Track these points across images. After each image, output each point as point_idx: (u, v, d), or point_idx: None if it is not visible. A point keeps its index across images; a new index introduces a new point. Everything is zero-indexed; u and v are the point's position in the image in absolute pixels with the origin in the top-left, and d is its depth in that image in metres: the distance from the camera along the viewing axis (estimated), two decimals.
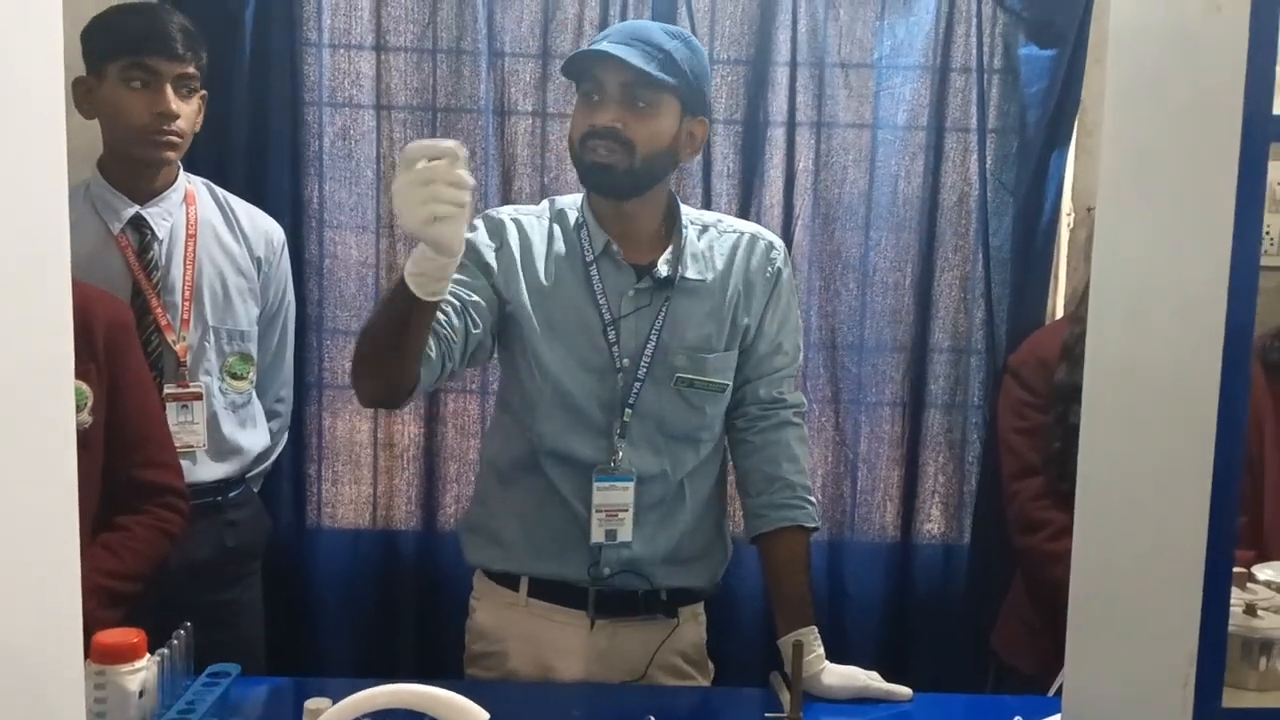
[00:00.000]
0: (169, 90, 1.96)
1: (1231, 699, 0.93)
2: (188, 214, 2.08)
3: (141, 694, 1.45)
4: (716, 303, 1.85)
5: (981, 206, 2.49)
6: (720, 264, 1.87)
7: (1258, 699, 0.97)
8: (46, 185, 1.24)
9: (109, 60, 1.94)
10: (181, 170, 2.10)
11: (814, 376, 2.55)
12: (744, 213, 2.49)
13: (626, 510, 1.80)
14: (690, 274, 1.84)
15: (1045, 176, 2.47)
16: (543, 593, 1.85)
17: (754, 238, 1.91)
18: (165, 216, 2.05)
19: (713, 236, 1.89)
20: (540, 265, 1.83)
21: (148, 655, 1.47)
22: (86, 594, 1.34)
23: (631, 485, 1.80)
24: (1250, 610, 1.01)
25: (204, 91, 2.05)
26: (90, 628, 1.40)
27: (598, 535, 1.80)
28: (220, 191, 2.17)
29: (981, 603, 2.48)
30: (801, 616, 1.79)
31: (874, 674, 1.78)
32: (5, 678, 1.17)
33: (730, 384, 1.87)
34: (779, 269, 1.90)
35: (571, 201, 1.90)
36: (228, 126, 2.39)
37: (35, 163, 1.21)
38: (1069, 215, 2.55)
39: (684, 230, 1.86)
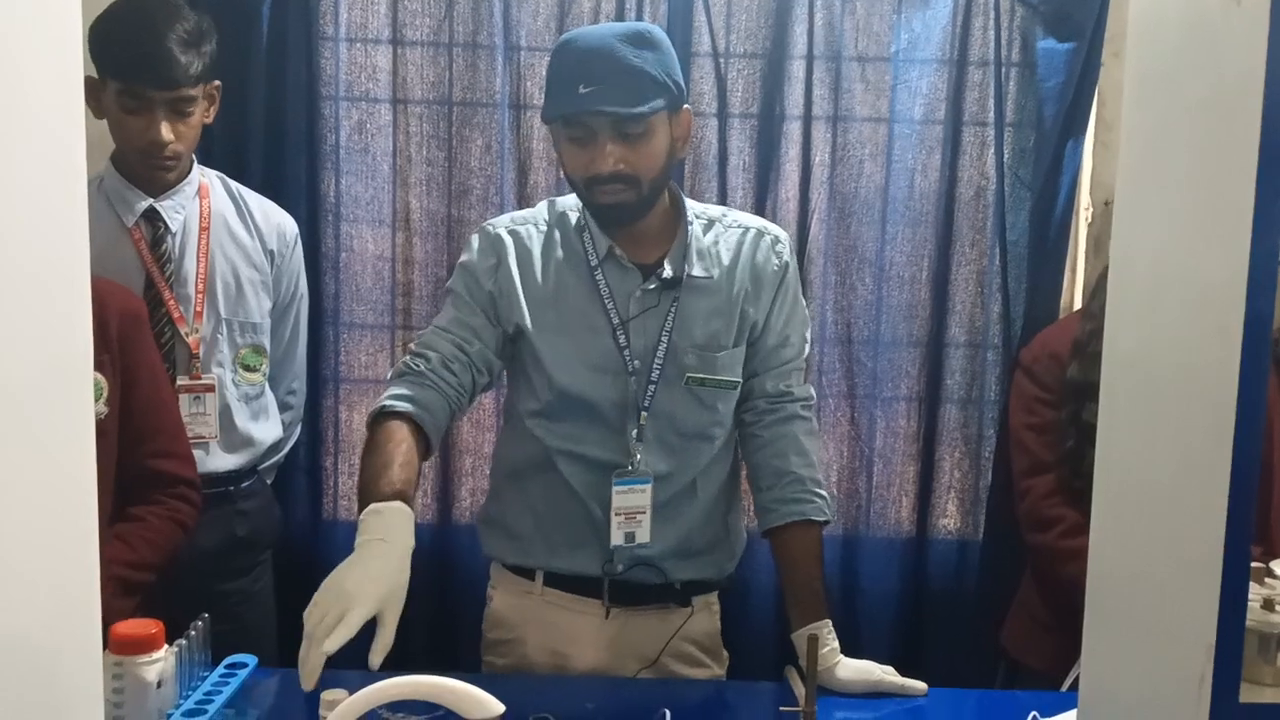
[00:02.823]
0: (160, 117, 1.93)
1: (1249, 694, 0.92)
2: (201, 207, 2.08)
3: (159, 685, 1.46)
4: (724, 300, 1.84)
5: (998, 200, 2.48)
6: (727, 260, 1.86)
7: (1275, 694, 0.97)
8: (65, 181, 1.24)
9: (107, 76, 1.92)
10: (195, 163, 2.10)
11: (829, 371, 2.54)
12: (759, 206, 2.48)
13: (644, 512, 1.80)
14: (696, 272, 1.83)
15: (1062, 170, 2.45)
16: (558, 582, 1.85)
17: (760, 232, 1.89)
18: (178, 209, 2.06)
19: (719, 232, 1.88)
20: (541, 274, 1.83)
21: (165, 646, 1.48)
22: (101, 583, 1.35)
23: (649, 487, 1.80)
24: (1268, 605, 1.01)
25: (217, 83, 2.04)
26: (105, 617, 1.41)
27: (617, 538, 1.79)
28: (234, 184, 2.17)
29: (996, 598, 2.47)
30: (815, 610, 1.79)
31: (889, 669, 1.78)
32: (24, 669, 1.18)
33: (740, 380, 1.86)
34: (785, 262, 1.89)
35: (572, 202, 1.88)
36: (244, 120, 2.40)
37: (54, 158, 1.22)
38: (1086, 209, 2.54)
39: (689, 226, 1.85)
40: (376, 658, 1.44)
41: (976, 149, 2.50)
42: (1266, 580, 1.06)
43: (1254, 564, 0.99)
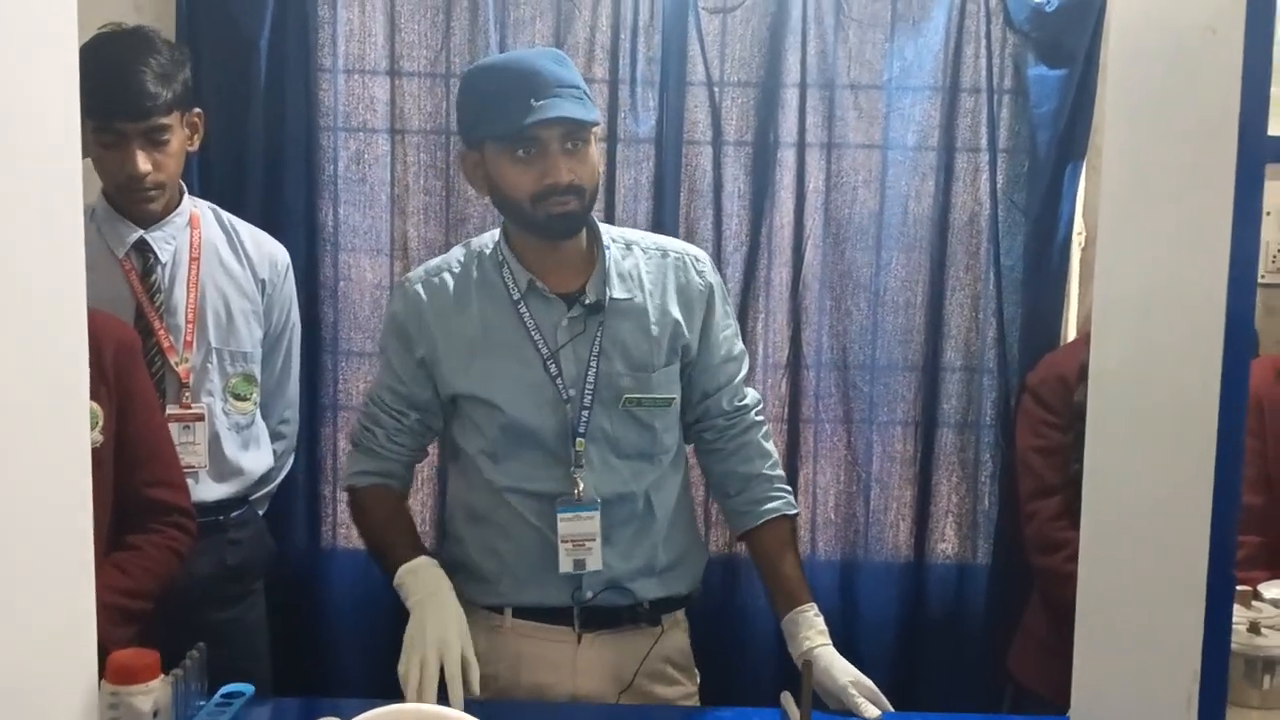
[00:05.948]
0: (136, 150, 1.94)
1: (1235, 717, 0.93)
2: (191, 237, 2.09)
3: (155, 714, 1.46)
4: (651, 320, 1.85)
5: (993, 226, 2.50)
6: (649, 284, 1.86)
7: (1261, 717, 0.97)
8: (64, 216, 1.26)
9: (84, 114, 1.93)
10: (186, 194, 2.12)
11: (825, 396, 2.55)
12: (755, 233, 2.50)
13: (594, 539, 1.80)
14: (619, 294, 1.83)
15: (1057, 196, 2.47)
16: (526, 614, 1.85)
17: (680, 257, 1.90)
18: (169, 240, 2.07)
19: (638, 255, 1.88)
20: (465, 319, 1.83)
21: (161, 675, 1.48)
22: (99, 612, 1.36)
23: (596, 514, 1.80)
24: (1254, 628, 1.01)
25: (198, 110, 2.05)
26: (103, 646, 1.41)
27: (565, 565, 1.80)
28: (225, 215, 2.18)
29: (997, 623, 2.47)
30: (799, 595, 1.82)
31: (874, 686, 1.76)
32: (21, 697, 1.18)
33: (675, 397, 1.87)
34: (709, 281, 1.90)
35: (489, 239, 1.89)
36: (243, 150, 2.42)
37: (53, 193, 1.23)
38: (1079, 234, 2.55)
39: (607, 250, 1.85)
40: (476, 687, 1.64)
41: (970, 175, 2.51)
42: (1253, 604, 1.06)
43: (1240, 587, 1.00)
